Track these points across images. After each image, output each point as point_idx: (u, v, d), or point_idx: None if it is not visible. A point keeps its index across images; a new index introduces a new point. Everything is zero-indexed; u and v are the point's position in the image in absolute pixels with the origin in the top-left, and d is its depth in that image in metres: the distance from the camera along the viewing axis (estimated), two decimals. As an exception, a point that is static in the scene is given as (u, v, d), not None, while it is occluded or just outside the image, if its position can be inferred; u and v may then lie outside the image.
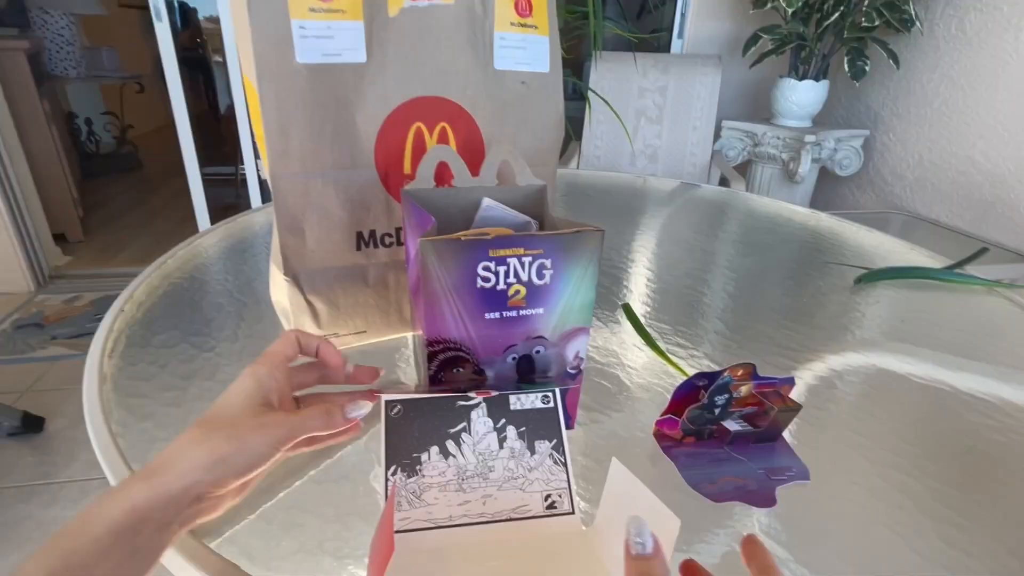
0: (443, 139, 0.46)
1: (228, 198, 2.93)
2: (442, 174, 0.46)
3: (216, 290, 0.64)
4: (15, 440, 1.33)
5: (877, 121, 1.95)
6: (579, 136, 1.95)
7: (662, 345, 0.56)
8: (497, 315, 0.36)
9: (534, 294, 0.36)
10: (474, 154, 0.47)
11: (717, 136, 1.99)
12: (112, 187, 3.30)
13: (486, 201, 0.43)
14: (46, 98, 2.32)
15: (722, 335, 0.58)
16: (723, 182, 1.83)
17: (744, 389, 0.38)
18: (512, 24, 0.46)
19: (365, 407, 0.33)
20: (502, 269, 0.34)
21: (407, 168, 0.47)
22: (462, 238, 0.33)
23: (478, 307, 0.35)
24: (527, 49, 0.47)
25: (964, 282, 0.71)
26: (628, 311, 0.61)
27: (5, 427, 1.31)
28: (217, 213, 2.25)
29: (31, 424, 1.34)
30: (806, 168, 1.80)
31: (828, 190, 2.17)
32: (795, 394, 0.48)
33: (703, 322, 0.61)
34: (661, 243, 0.86)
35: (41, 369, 1.60)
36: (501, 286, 0.35)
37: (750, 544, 0.25)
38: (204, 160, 2.14)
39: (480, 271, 0.34)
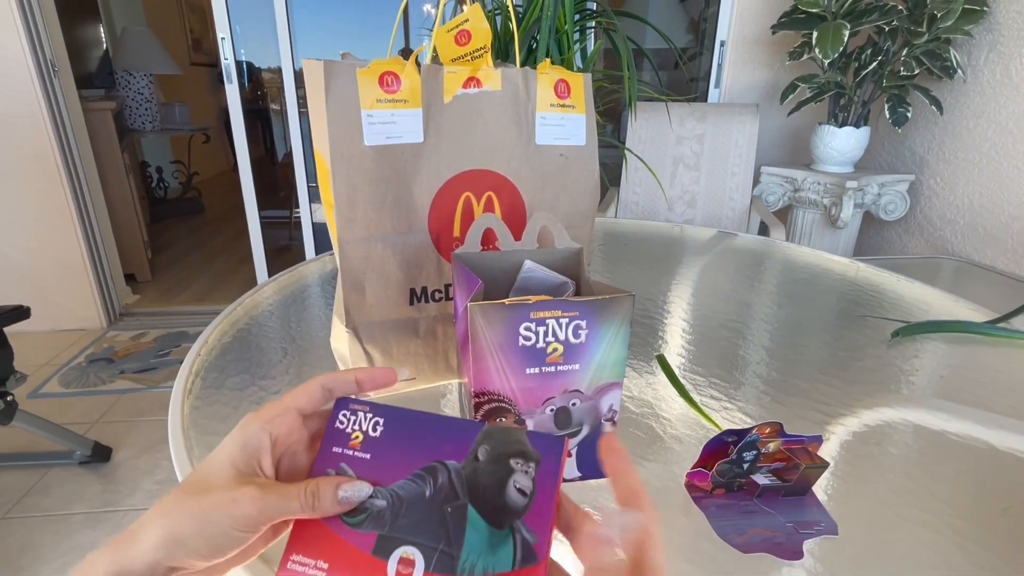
0: (489, 206, 0.51)
1: (282, 240, 3.10)
2: (488, 238, 0.51)
3: (279, 336, 0.70)
4: (85, 468, 1.42)
5: (923, 166, 1.93)
6: (616, 182, 2.00)
7: (696, 397, 0.58)
8: (537, 370, 0.40)
9: (570, 352, 0.39)
10: (517, 220, 0.52)
11: (756, 182, 2.01)
12: (177, 229, 3.55)
13: (527, 263, 0.47)
14: (126, 151, 2.55)
15: (756, 388, 0.60)
16: (763, 228, 1.83)
17: (772, 445, 0.40)
18: (552, 105, 0.51)
19: (363, 489, 0.26)
20: (542, 329, 0.38)
21: (456, 232, 0.52)
22: (506, 303, 0.37)
23: (520, 363, 0.39)
24: (565, 126, 0.52)
25: (1008, 336, 0.70)
26: (663, 362, 0.63)
27: (78, 455, 1.41)
28: (272, 254, 2.39)
29: (100, 453, 1.43)
30: (848, 214, 1.79)
31: (874, 234, 2.14)
32: (827, 449, 0.49)
33: (737, 375, 0.63)
34: (697, 293, 0.88)
35: (110, 401, 1.72)
36: (541, 344, 0.39)
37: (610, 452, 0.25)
38: (261, 204, 2.29)
39: (522, 331, 0.38)
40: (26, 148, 1.95)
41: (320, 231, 2.39)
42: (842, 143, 1.86)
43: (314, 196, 2.34)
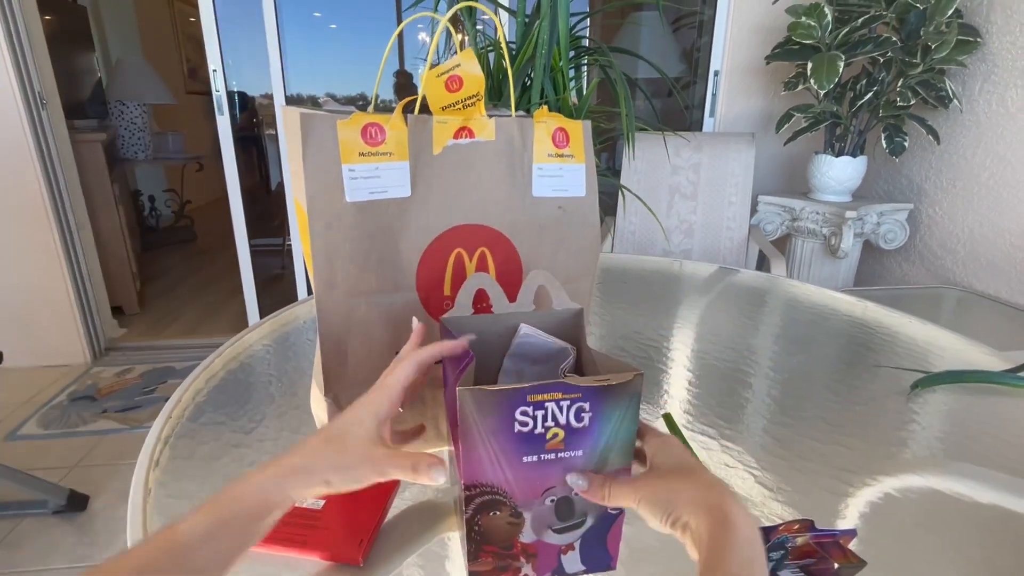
0: (482, 263, 0.48)
1: (275, 268, 3.06)
2: (481, 298, 0.47)
3: (261, 395, 0.66)
4: (60, 518, 1.35)
5: (921, 195, 1.91)
6: (612, 212, 1.98)
7: (708, 463, 0.53)
8: (535, 458, 0.35)
9: (572, 437, 0.35)
10: (512, 277, 0.48)
11: (754, 211, 1.99)
12: (168, 259, 3.50)
13: (524, 328, 0.43)
14: (117, 181, 2.51)
15: (770, 452, 0.56)
16: (762, 257, 1.80)
17: (800, 540, 0.36)
18: (549, 155, 0.48)
19: (443, 474, 0.34)
20: (540, 413, 0.34)
21: (447, 290, 0.48)
22: (500, 389, 0.33)
23: (515, 451, 0.35)
24: (564, 176, 0.48)
25: (1033, 388, 0.66)
26: (670, 422, 0.59)
27: (51, 505, 1.34)
28: (264, 283, 2.34)
29: (76, 502, 1.36)
30: (848, 243, 1.77)
31: (874, 263, 2.11)
32: (856, 537, 0.45)
33: (749, 435, 0.58)
34: (701, 337, 0.84)
35: (91, 444, 1.65)
36: (539, 430, 0.35)
37: None
38: (254, 231, 2.24)
39: (518, 416, 0.34)
40: (11, 180, 1.91)
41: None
42: (840, 172, 1.84)
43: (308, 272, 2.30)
